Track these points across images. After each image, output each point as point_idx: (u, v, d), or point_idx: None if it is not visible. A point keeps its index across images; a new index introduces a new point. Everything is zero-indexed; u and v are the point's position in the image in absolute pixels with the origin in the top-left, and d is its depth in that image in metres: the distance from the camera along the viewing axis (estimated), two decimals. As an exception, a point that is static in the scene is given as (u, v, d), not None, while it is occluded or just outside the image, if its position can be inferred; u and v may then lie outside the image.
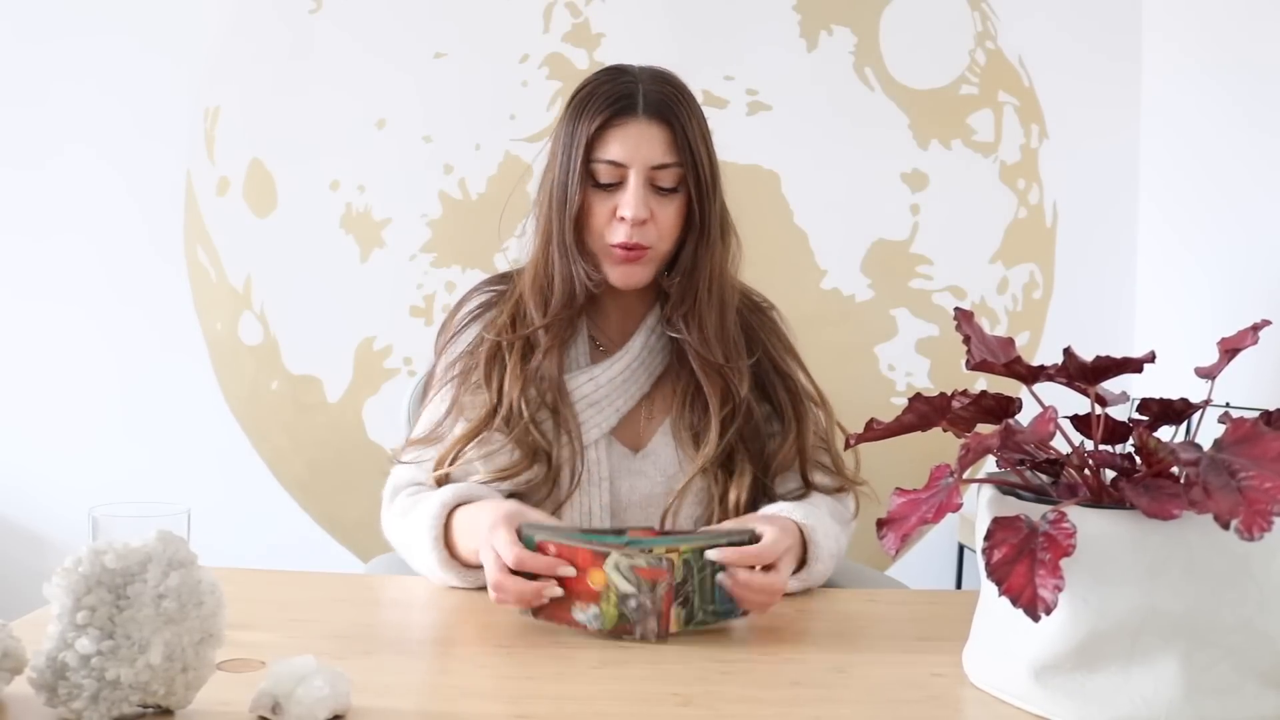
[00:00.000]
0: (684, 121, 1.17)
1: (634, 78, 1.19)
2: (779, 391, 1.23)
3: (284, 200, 2.14)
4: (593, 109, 1.16)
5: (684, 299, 1.20)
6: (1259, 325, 0.84)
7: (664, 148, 1.16)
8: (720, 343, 1.21)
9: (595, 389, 1.21)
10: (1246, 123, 1.79)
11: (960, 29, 2.15)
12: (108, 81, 2.12)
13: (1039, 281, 2.18)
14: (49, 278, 2.14)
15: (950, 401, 0.83)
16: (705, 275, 1.21)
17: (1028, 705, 0.78)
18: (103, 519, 0.85)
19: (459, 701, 0.80)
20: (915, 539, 1.90)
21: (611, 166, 1.16)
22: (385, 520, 1.22)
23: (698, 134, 1.18)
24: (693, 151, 1.17)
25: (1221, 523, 0.67)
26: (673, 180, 1.17)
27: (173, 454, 2.13)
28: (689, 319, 1.20)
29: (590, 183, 1.17)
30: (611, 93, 1.17)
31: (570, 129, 1.18)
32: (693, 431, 1.21)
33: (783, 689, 0.84)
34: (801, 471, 1.22)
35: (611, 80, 1.19)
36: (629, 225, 1.15)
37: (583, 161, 1.16)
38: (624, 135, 1.16)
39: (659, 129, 1.16)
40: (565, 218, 1.17)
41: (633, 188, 1.15)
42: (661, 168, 1.16)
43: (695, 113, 1.20)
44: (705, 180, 1.18)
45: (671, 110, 1.17)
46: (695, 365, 1.20)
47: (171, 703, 0.72)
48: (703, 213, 1.19)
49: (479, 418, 1.18)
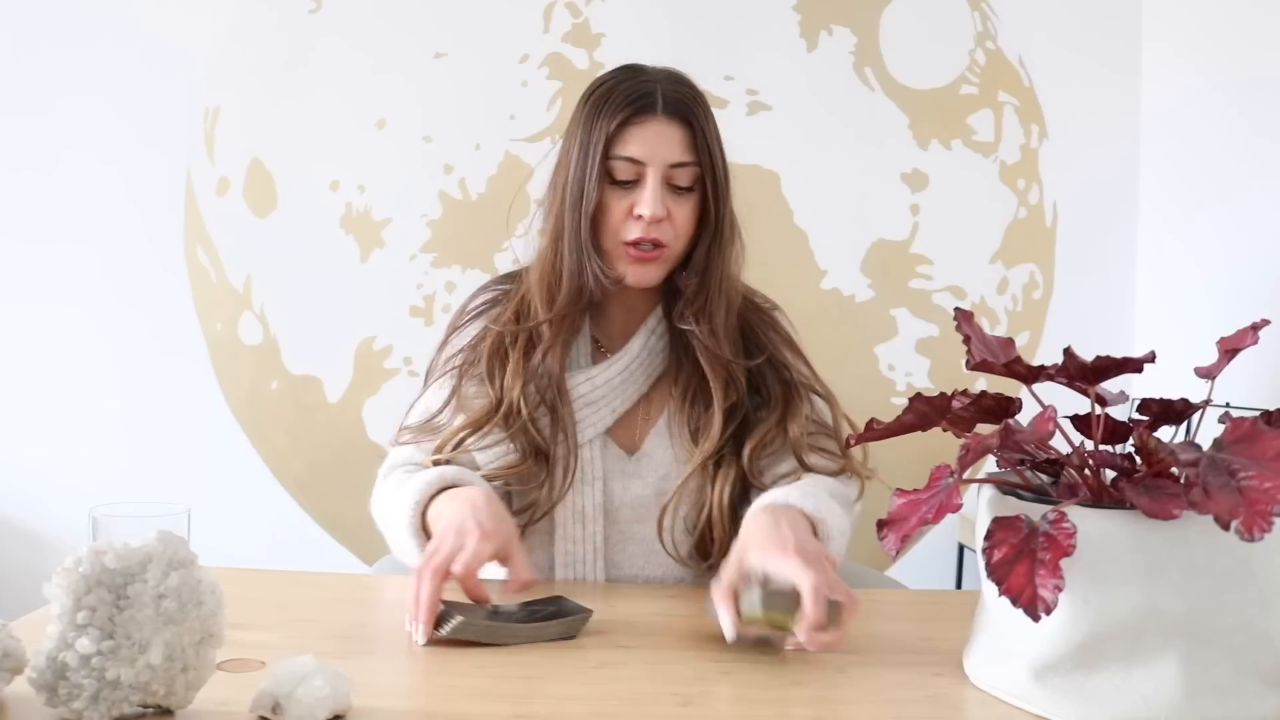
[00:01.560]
0: (702, 123, 1.19)
1: (652, 77, 1.20)
2: (769, 382, 1.24)
3: (284, 200, 2.14)
4: (612, 106, 1.17)
5: (697, 296, 1.21)
6: (1259, 325, 0.84)
7: (682, 147, 1.17)
8: (727, 339, 1.22)
9: (592, 389, 1.21)
10: (1247, 121, 1.79)
11: (960, 29, 2.16)
12: (108, 83, 2.12)
13: (1039, 281, 2.18)
14: (49, 279, 2.14)
15: (950, 401, 0.83)
16: (717, 274, 1.22)
17: (1028, 705, 0.78)
18: (103, 519, 0.85)
19: (459, 701, 0.80)
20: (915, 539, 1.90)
21: (630, 164, 1.16)
22: (375, 494, 1.22)
23: (714, 136, 1.20)
24: (710, 152, 1.18)
25: (1222, 523, 0.67)
26: (689, 180, 1.18)
27: (173, 454, 2.13)
28: (700, 316, 1.21)
29: (607, 180, 1.17)
30: (631, 91, 1.18)
31: (588, 126, 1.18)
32: (693, 428, 1.21)
33: (783, 689, 0.84)
34: (796, 454, 1.21)
35: (630, 79, 1.20)
36: (646, 223, 1.16)
37: (601, 158, 1.16)
38: (643, 134, 1.16)
39: (678, 129, 1.17)
40: (581, 215, 1.18)
41: (651, 186, 1.16)
42: (679, 166, 1.17)
43: (710, 115, 1.21)
44: (721, 181, 1.20)
45: (690, 110, 1.18)
46: (703, 360, 1.21)
47: (171, 703, 0.72)
48: (717, 213, 1.20)
49: (481, 410, 1.19)
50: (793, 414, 1.21)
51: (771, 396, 1.23)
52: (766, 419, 1.21)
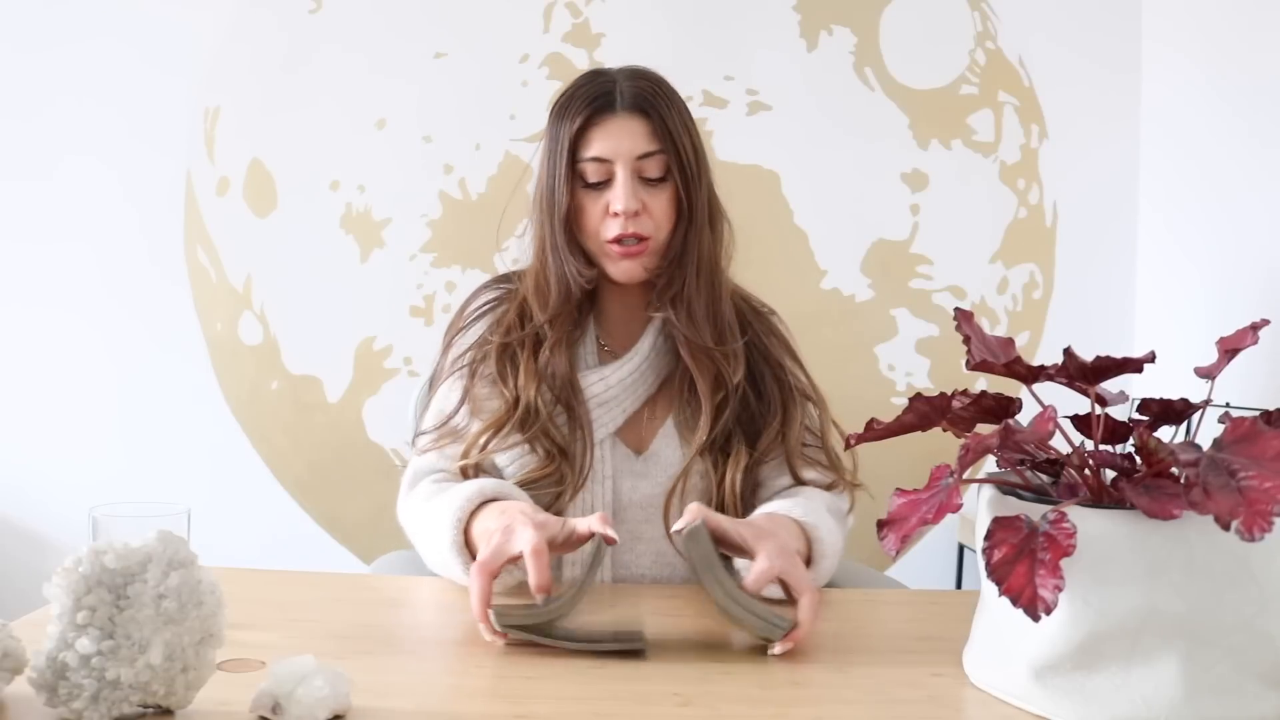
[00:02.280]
0: (663, 111, 1.19)
1: (611, 78, 1.22)
2: (768, 382, 1.24)
3: (284, 200, 2.14)
4: (573, 110, 1.19)
5: (671, 283, 1.22)
6: (1258, 325, 0.84)
7: (645, 138, 1.18)
8: (711, 326, 1.22)
9: (605, 389, 1.22)
10: (1247, 121, 1.79)
11: (960, 29, 2.16)
12: (108, 83, 2.12)
13: (1039, 281, 2.18)
14: (49, 279, 2.14)
15: (950, 401, 0.83)
16: (693, 260, 1.22)
17: (1028, 705, 0.78)
18: (103, 519, 0.85)
19: (459, 701, 0.80)
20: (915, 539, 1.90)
21: (598, 164, 1.18)
22: (403, 506, 1.21)
23: (679, 123, 1.20)
24: (674, 139, 1.19)
25: (1222, 523, 0.67)
26: (659, 169, 1.19)
27: (173, 454, 2.13)
28: (676, 302, 1.21)
29: (580, 184, 1.19)
30: (590, 93, 1.19)
31: (554, 133, 1.20)
32: (689, 422, 1.21)
33: (783, 689, 0.84)
34: (790, 466, 1.21)
35: (590, 82, 1.22)
36: (623, 218, 1.17)
37: (568, 163, 1.18)
38: (605, 132, 1.18)
39: (639, 121, 1.19)
40: (555, 220, 1.20)
41: (621, 180, 1.17)
42: (645, 157, 1.18)
43: (675, 102, 1.22)
44: (689, 166, 1.20)
45: (649, 101, 1.19)
46: (683, 350, 1.21)
47: (171, 703, 0.72)
48: (689, 198, 1.21)
49: (499, 411, 1.19)
50: (790, 421, 1.22)
51: (771, 401, 1.23)
52: (770, 425, 1.22)
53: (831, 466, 1.24)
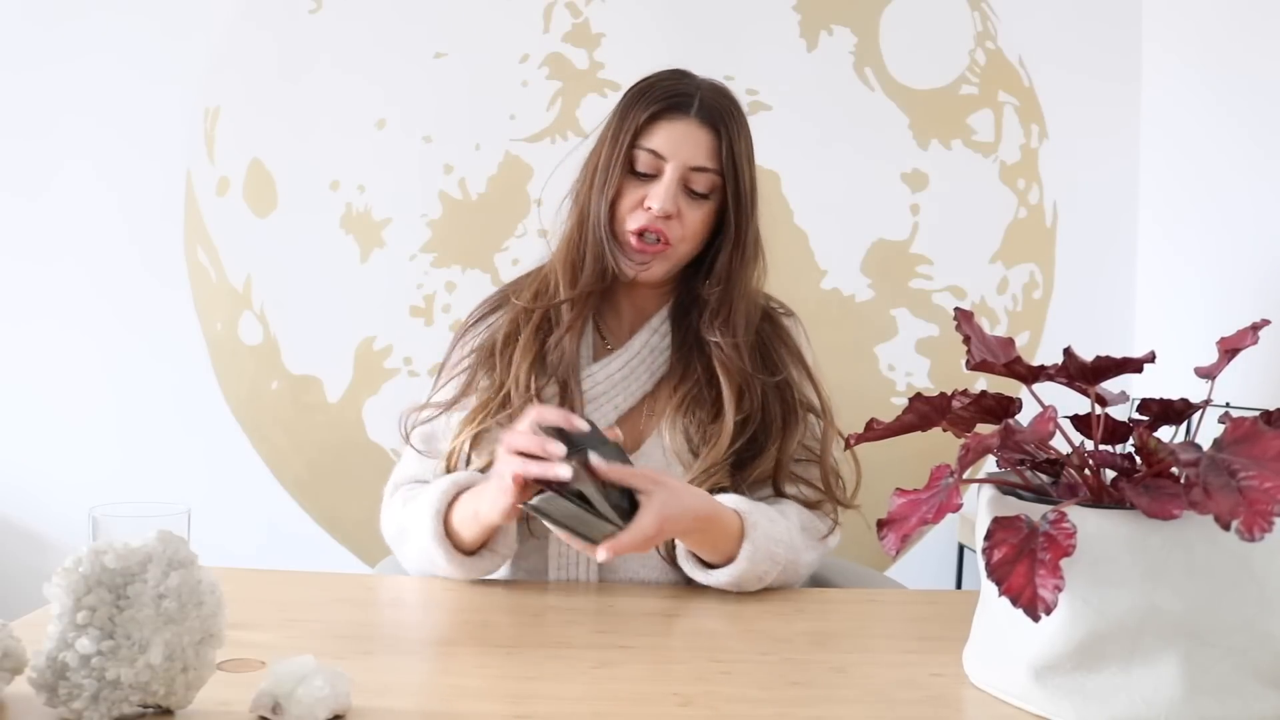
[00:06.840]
0: (732, 134, 1.20)
1: (695, 83, 1.23)
2: (772, 402, 1.23)
3: (284, 200, 2.14)
4: (648, 99, 1.20)
5: (721, 307, 1.23)
6: (1258, 325, 0.84)
7: (706, 152, 1.19)
8: (747, 352, 1.23)
9: (593, 385, 1.22)
10: (1246, 122, 1.79)
11: (960, 29, 2.15)
12: (107, 84, 2.12)
13: (1039, 281, 2.18)
14: (48, 279, 2.14)
15: (950, 401, 0.83)
16: (741, 288, 1.23)
17: (1028, 705, 0.78)
18: (103, 519, 0.85)
19: (459, 701, 0.80)
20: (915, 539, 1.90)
21: (652, 156, 1.19)
22: (384, 514, 1.23)
23: (743, 151, 1.22)
24: (735, 164, 1.20)
25: (1222, 523, 0.67)
26: (706, 186, 1.20)
27: (173, 454, 2.13)
28: (725, 328, 1.22)
29: (628, 169, 1.19)
30: (670, 89, 1.20)
31: (622, 114, 1.21)
32: (694, 435, 1.20)
33: (783, 689, 0.84)
34: (774, 483, 1.21)
35: (673, 79, 1.23)
36: (653, 216, 1.17)
37: (627, 146, 1.19)
38: (671, 130, 1.19)
39: (706, 134, 1.19)
40: (604, 200, 1.20)
41: (666, 182, 1.18)
42: (699, 170, 1.19)
43: (745, 131, 1.23)
44: (745, 195, 1.22)
45: (722, 119, 1.20)
46: (720, 372, 1.21)
47: (171, 703, 0.72)
48: (740, 226, 1.22)
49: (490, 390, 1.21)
50: (788, 440, 1.21)
51: (772, 421, 1.22)
52: (768, 450, 1.20)
53: (824, 486, 1.22)
